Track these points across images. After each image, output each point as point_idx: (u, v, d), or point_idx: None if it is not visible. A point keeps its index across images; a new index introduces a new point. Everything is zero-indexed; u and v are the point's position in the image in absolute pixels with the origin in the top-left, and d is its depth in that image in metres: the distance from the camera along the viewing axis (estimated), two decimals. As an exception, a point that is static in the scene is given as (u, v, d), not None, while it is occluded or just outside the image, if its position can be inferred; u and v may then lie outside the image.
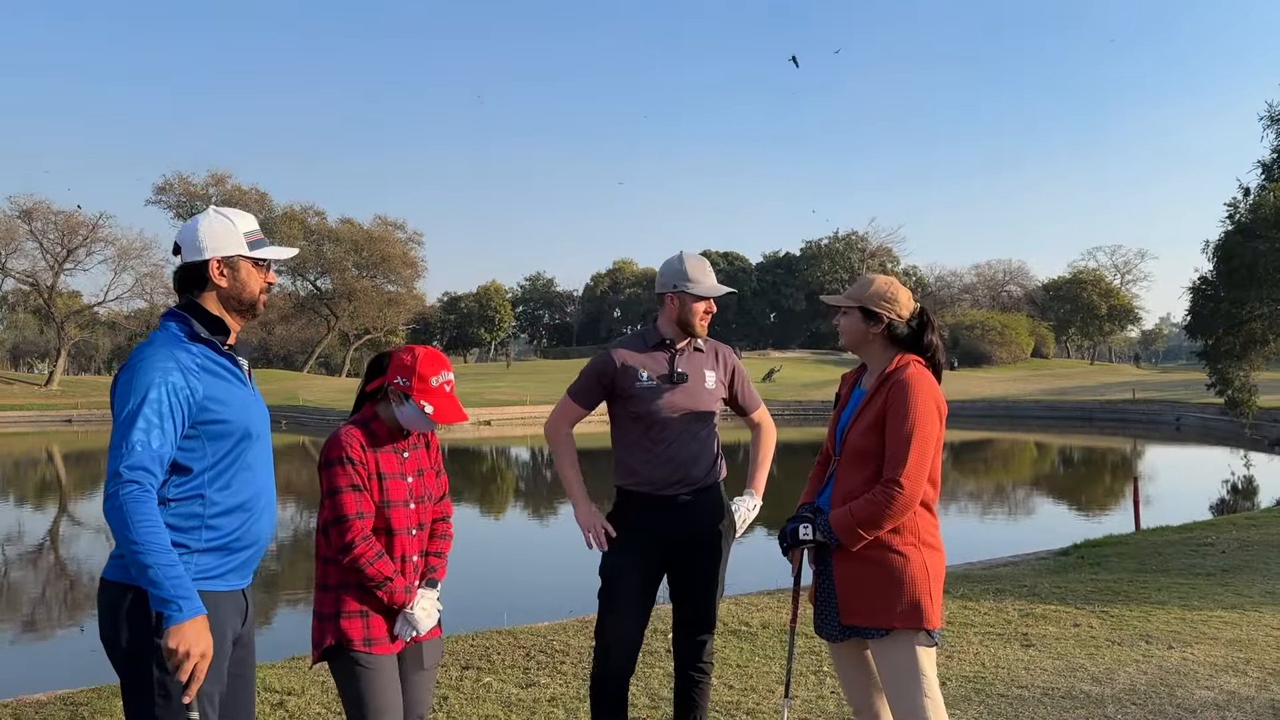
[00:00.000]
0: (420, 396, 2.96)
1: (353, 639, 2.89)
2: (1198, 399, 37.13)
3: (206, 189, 71.45)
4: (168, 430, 2.37)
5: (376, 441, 2.99)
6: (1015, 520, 17.29)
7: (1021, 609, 6.63)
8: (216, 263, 2.56)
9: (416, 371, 2.97)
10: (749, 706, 4.71)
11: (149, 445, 2.33)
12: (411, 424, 3.00)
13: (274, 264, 2.71)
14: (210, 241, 2.56)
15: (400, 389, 2.97)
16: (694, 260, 3.67)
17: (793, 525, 3.14)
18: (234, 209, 2.66)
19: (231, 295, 2.59)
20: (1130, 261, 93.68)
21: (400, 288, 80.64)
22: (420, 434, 3.12)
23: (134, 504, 2.28)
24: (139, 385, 2.38)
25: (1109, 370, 64.37)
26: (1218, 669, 5.18)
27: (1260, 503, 17.16)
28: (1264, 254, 24.45)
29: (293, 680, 5.09)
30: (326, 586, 2.95)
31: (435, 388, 2.99)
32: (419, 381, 2.96)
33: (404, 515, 2.98)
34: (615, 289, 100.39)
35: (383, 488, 2.96)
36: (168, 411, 2.37)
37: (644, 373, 3.59)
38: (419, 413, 2.96)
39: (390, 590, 2.90)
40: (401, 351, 3.04)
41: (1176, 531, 10.34)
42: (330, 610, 2.93)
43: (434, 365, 3.00)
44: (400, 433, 3.05)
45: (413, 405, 2.96)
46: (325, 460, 2.94)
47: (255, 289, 2.62)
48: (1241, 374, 27.26)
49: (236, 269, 2.58)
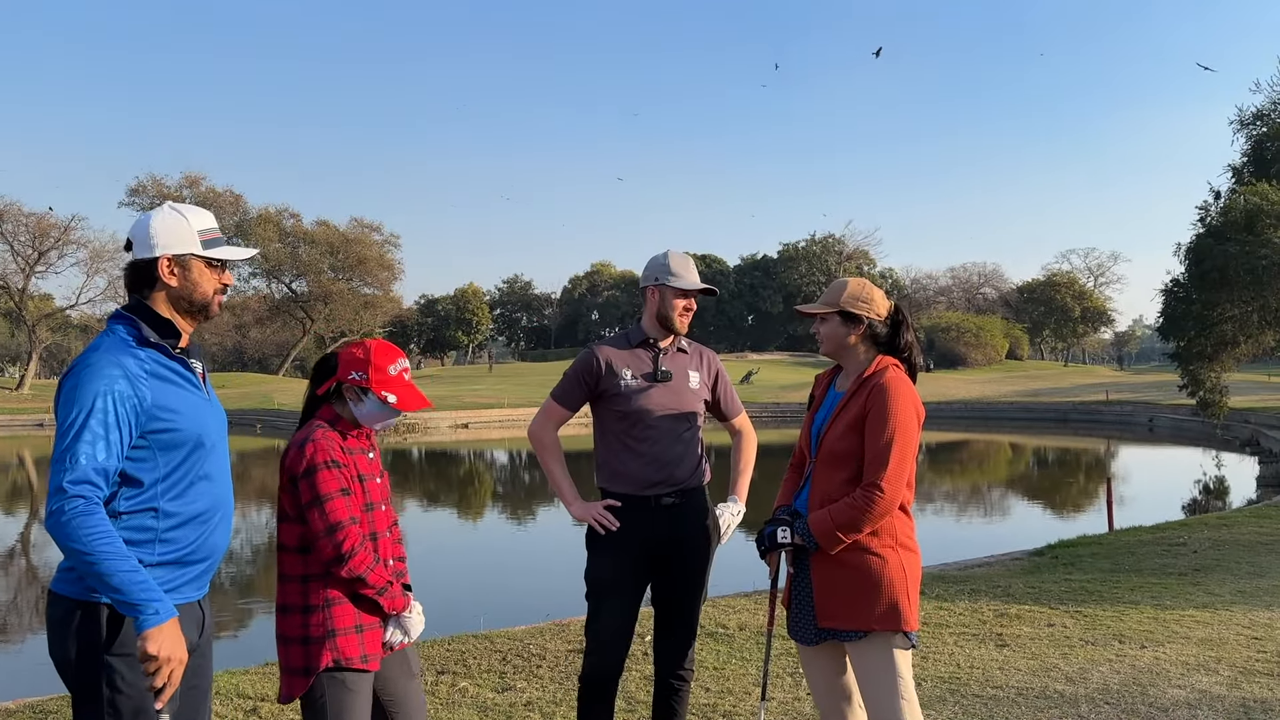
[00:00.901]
0: (380, 388, 2.84)
1: (351, 656, 2.72)
2: (1170, 400, 37.51)
3: (180, 190, 70.76)
4: (113, 442, 2.27)
5: (349, 441, 2.87)
6: (990, 521, 17.39)
7: (996, 609, 6.67)
8: (167, 261, 2.45)
9: (372, 363, 2.85)
10: (726, 709, 4.71)
11: (94, 458, 2.24)
12: (373, 419, 2.89)
13: (232, 265, 2.61)
14: (161, 238, 2.45)
15: (357, 384, 2.84)
16: (677, 256, 3.67)
17: (770, 529, 3.14)
18: (192, 206, 2.55)
19: (182, 296, 2.47)
20: (1103, 264, 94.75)
21: (377, 290, 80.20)
22: (370, 435, 3.00)
23: (81, 517, 2.20)
24: (83, 395, 2.27)
25: (1083, 372, 64.91)
26: (1189, 668, 5.22)
27: (1231, 503, 17.35)
28: (1234, 257, 24.71)
29: (266, 686, 5.05)
30: (310, 607, 2.73)
31: (394, 376, 2.88)
32: (376, 373, 2.85)
33: (382, 517, 2.89)
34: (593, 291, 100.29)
35: (364, 490, 2.83)
36: (114, 422, 2.27)
37: (627, 371, 3.59)
38: (380, 405, 2.85)
39: (391, 596, 2.79)
40: (350, 347, 2.91)
41: (1149, 532, 10.43)
42: (323, 631, 2.71)
43: (388, 354, 2.90)
44: (363, 434, 2.95)
45: (373, 398, 2.84)
46: (308, 467, 2.73)
47: (208, 290, 2.50)
48: (1213, 375, 27.54)
49: (188, 268, 2.47)
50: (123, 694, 2.31)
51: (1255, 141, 30.33)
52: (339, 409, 2.90)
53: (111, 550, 2.20)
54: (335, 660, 2.70)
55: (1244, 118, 30.68)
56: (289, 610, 2.76)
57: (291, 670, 2.75)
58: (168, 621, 2.23)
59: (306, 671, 2.71)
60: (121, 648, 2.31)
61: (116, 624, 2.32)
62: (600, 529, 3.53)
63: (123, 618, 2.31)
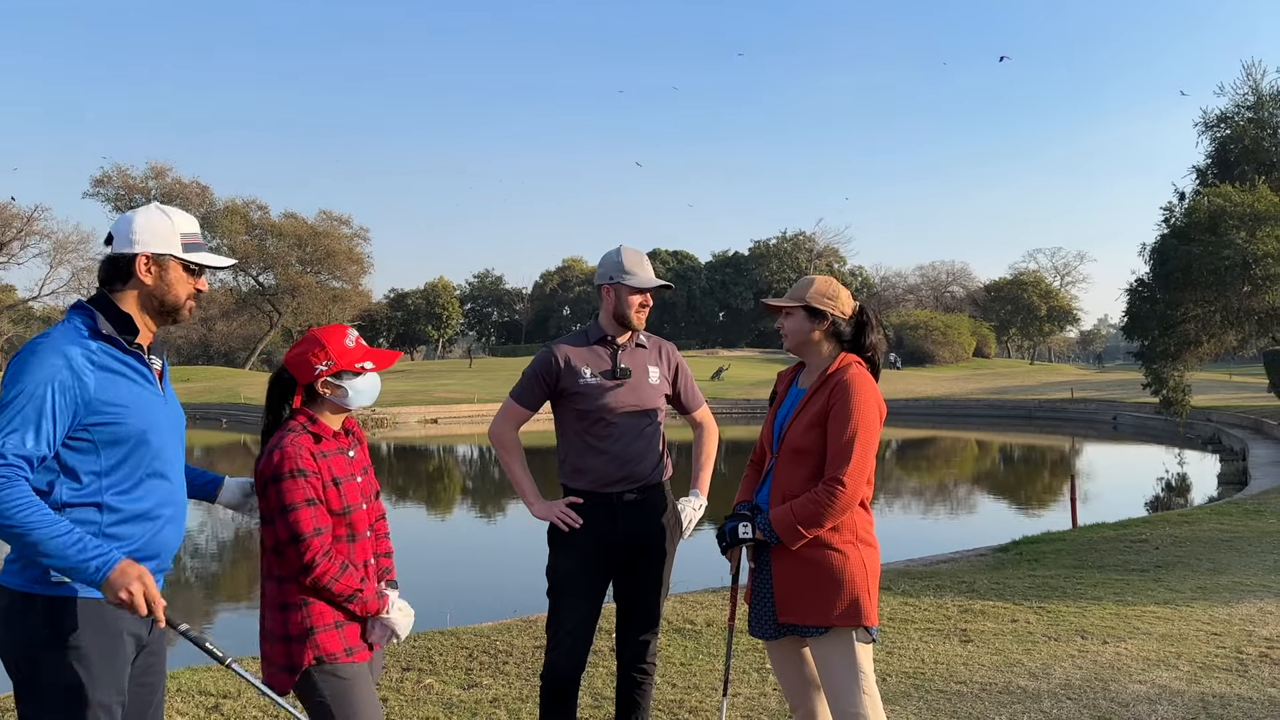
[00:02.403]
0: (352, 362, 2.81)
1: (334, 652, 2.72)
2: (1134, 398, 37.95)
3: (146, 182, 69.88)
4: (45, 430, 2.25)
5: (322, 444, 2.79)
6: (955, 517, 17.53)
7: (960, 605, 6.72)
8: (145, 258, 2.45)
9: (329, 348, 2.79)
10: (692, 705, 4.70)
11: (21, 444, 2.22)
12: (362, 396, 2.83)
13: (209, 272, 2.60)
14: (143, 235, 2.46)
15: (329, 374, 2.79)
16: (631, 253, 3.65)
17: (731, 524, 3.14)
18: (178, 209, 2.55)
19: (154, 295, 2.47)
20: (1069, 263, 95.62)
21: (345, 284, 79.57)
22: (353, 431, 2.94)
23: (3, 491, 2.18)
24: (24, 380, 2.26)
25: (1048, 370, 65.53)
26: (1150, 663, 5.28)
27: (1193, 500, 17.58)
28: (1198, 257, 25.06)
29: (228, 683, 4.98)
30: (288, 605, 2.72)
31: (355, 348, 2.84)
32: (339, 353, 2.80)
33: (363, 517, 2.85)
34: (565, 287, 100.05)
35: (341, 493, 2.77)
36: (49, 410, 2.25)
37: (586, 369, 3.57)
38: (362, 378, 2.83)
39: (362, 601, 2.76)
40: (295, 350, 2.83)
41: (1112, 529, 10.55)
42: (301, 629, 2.70)
43: (336, 333, 2.85)
44: (343, 432, 2.89)
45: (352, 376, 2.81)
46: (273, 475, 2.69)
47: (180, 293, 2.50)
48: (1176, 374, 27.92)
49: (165, 269, 2.47)
50: (65, 687, 2.28)
51: (1219, 144, 30.74)
52: (317, 412, 2.83)
53: (37, 518, 2.19)
54: (318, 657, 2.70)
55: (1209, 120, 31.07)
56: (270, 608, 2.77)
57: (275, 666, 2.75)
58: (114, 569, 2.23)
59: (290, 669, 2.71)
60: (63, 640, 2.29)
61: (55, 617, 2.29)
62: (563, 527, 3.51)
63: (61, 610, 2.29)
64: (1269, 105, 29.88)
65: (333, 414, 2.86)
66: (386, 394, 4.63)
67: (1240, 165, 29.37)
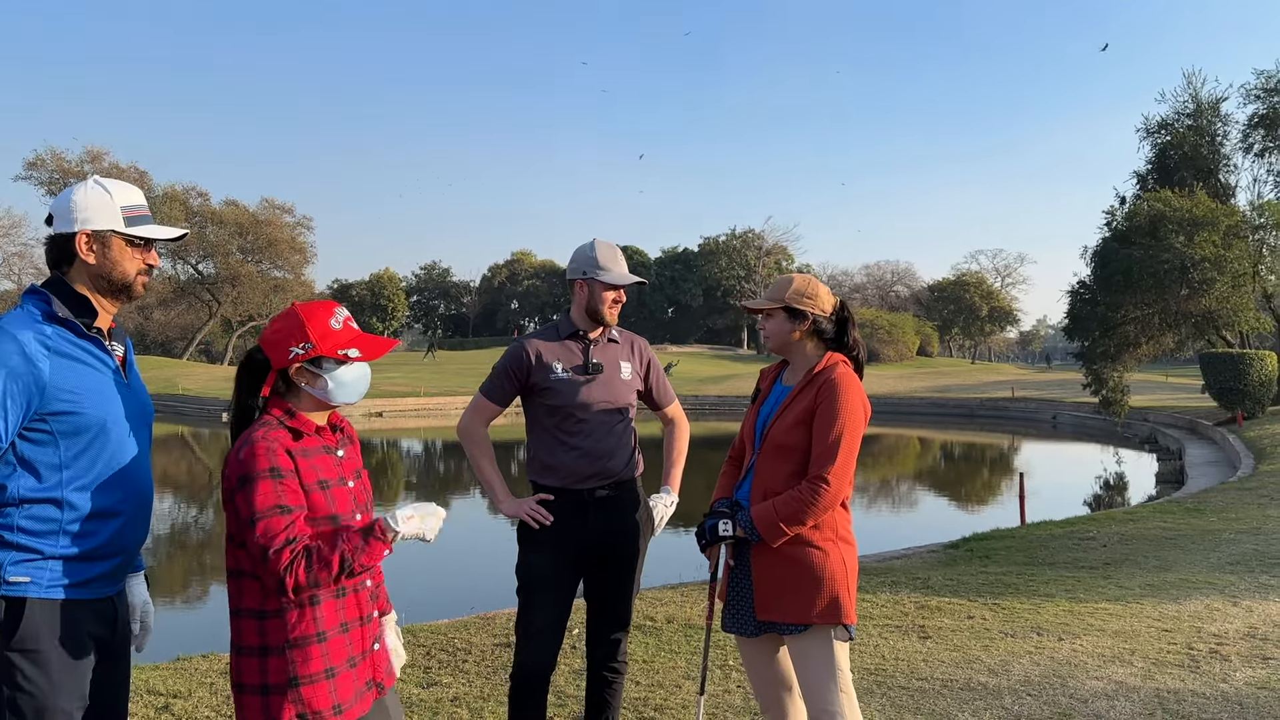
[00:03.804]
0: (335, 348, 2.34)
1: (320, 710, 2.25)
2: (1073, 398, 38.76)
3: (81, 165, 67.98)
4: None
5: (303, 441, 2.35)
6: (903, 513, 17.74)
7: (917, 601, 6.76)
8: (85, 236, 2.33)
9: (308, 325, 2.33)
10: (657, 703, 4.66)
11: None
12: (345, 391, 2.38)
13: (157, 244, 2.46)
14: (81, 213, 2.33)
15: (304, 358, 2.33)
16: (605, 247, 3.59)
17: (711, 521, 3.11)
18: (119, 181, 2.42)
19: (100, 274, 2.35)
20: (1010, 265, 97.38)
21: (287, 274, 78.21)
22: (343, 429, 2.51)
23: None
24: None
25: (990, 369, 66.62)
26: (1105, 660, 5.35)
27: (1131, 499, 17.97)
28: (1138, 260, 25.65)
29: (178, 682, 4.84)
30: (269, 649, 2.25)
31: (342, 329, 2.38)
32: (319, 333, 2.34)
33: None
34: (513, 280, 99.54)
35: (329, 498, 2.32)
36: (1, 398, 2.15)
37: (558, 364, 3.51)
38: (346, 366, 2.37)
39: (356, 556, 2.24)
40: (272, 324, 2.38)
41: (1060, 526, 10.72)
42: (281, 678, 2.24)
43: (321, 308, 2.39)
44: (328, 428, 2.45)
45: (333, 364, 2.36)
46: (240, 477, 2.22)
47: (128, 269, 2.38)
48: (1116, 375, 28.56)
49: (108, 245, 2.34)
50: (24, 693, 2.17)
51: (1160, 149, 31.51)
52: (294, 404, 2.39)
53: None
54: (300, 714, 2.25)
55: (1150, 126, 31.84)
56: (244, 651, 2.28)
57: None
58: None
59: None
60: (21, 643, 2.18)
61: (15, 617, 2.18)
62: (533, 524, 3.45)
63: (22, 611, 2.18)
64: (1208, 113, 30.67)
65: (313, 406, 2.41)
66: None
67: (1180, 171, 30.13)
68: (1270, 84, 29.44)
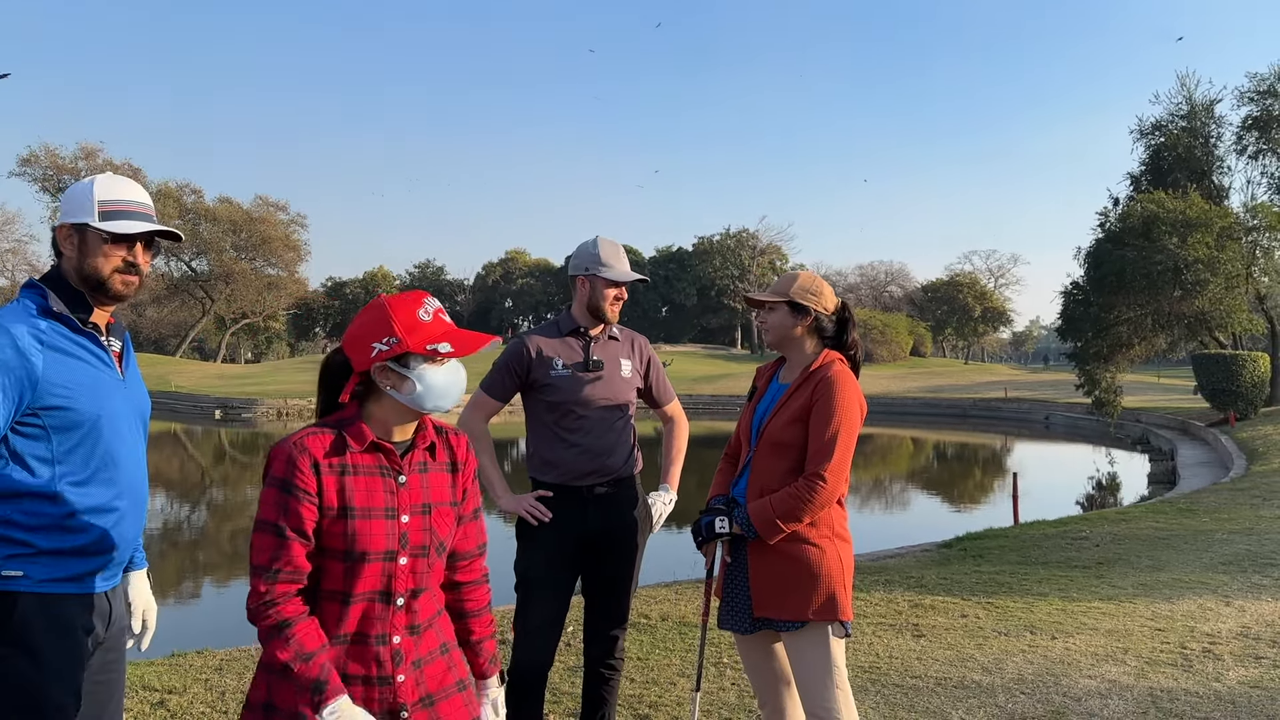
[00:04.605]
0: (423, 342, 2.01)
1: None
2: (1065, 399, 38.86)
3: (75, 162, 67.89)
4: None
5: (350, 456, 2.03)
6: (896, 513, 17.77)
7: (911, 600, 6.78)
8: (65, 230, 2.31)
9: (395, 318, 2.02)
10: (651, 700, 4.67)
11: None
12: (434, 393, 2.04)
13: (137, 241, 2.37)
14: (66, 205, 2.32)
15: (389, 355, 2.01)
16: (608, 244, 3.59)
17: (707, 519, 3.11)
18: (117, 176, 2.38)
19: (75, 268, 2.31)
20: (1004, 265, 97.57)
21: (281, 271, 78.16)
22: (434, 449, 2.15)
23: None
24: None
25: (982, 369, 66.78)
26: (1099, 658, 5.37)
27: (1124, 499, 18.02)
28: (1131, 261, 25.73)
29: (173, 678, 4.83)
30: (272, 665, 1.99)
31: (432, 321, 2.05)
32: (406, 327, 2.02)
33: (381, 574, 2.02)
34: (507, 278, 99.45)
35: (349, 531, 1.99)
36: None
37: (558, 361, 3.51)
38: (435, 366, 2.04)
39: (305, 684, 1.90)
40: (356, 321, 2.08)
41: (1053, 525, 10.75)
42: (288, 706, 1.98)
43: (408, 300, 2.07)
44: (390, 447, 2.07)
45: (421, 362, 2.03)
46: (266, 475, 2.02)
47: (101, 265, 2.30)
48: (1108, 376, 28.64)
49: (84, 239, 2.30)
50: (17, 687, 2.16)
51: (1153, 151, 31.63)
52: (374, 409, 2.08)
53: None
54: None
55: (1143, 128, 31.96)
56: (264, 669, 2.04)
57: None
58: None
59: None
60: (14, 637, 2.17)
61: (8, 611, 2.17)
62: (532, 520, 3.44)
63: (15, 604, 2.17)
64: (1201, 115, 30.77)
65: (397, 416, 2.08)
66: None
67: (1173, 172, 30.24)
68: (1263, 86, 29.57)
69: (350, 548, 1.98)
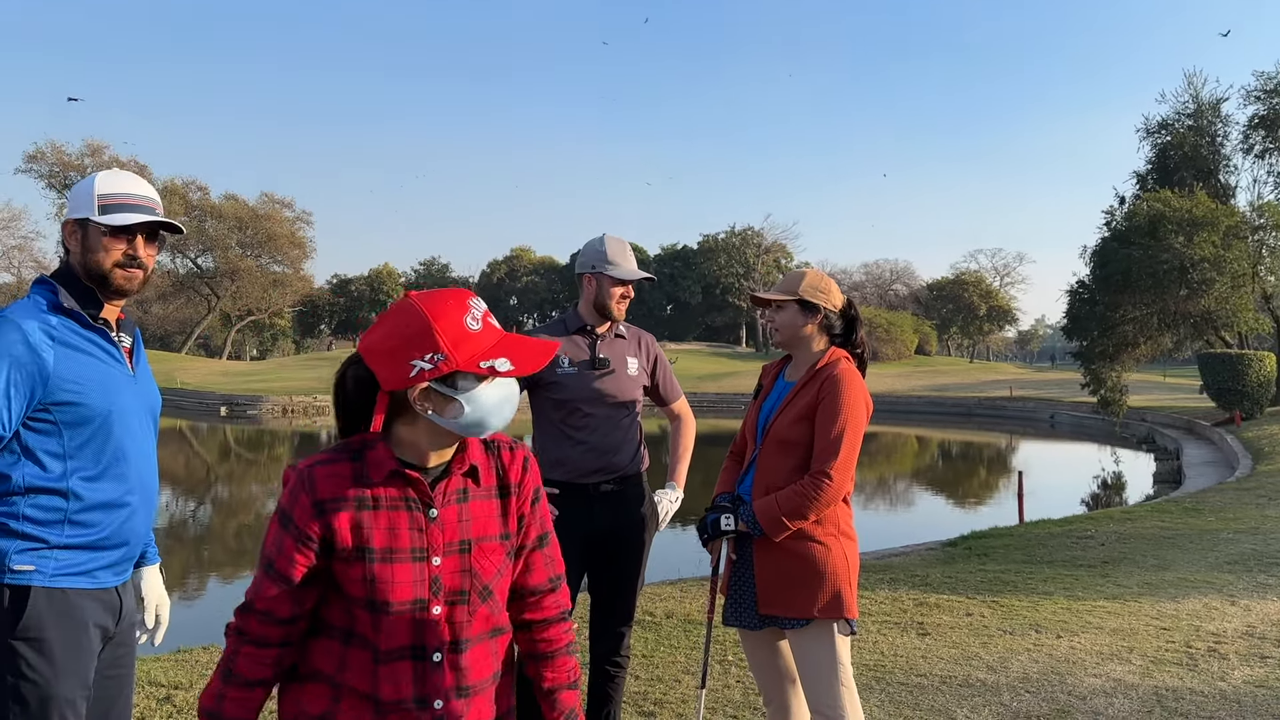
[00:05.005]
0: (475, 359, 1.63)
1: None
2: (1070, 398, 38.78)
3: (81, 159, 67.98)
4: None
5: (370, 489, 1.69)
6: (901, 511, 17.76)
7: (916, 598, 6.77)
8: (70, 225, 2.32)
9: (440, 331, 1.62)
10: (656, 697, 4.68)
11: None
12: (486, 417, 1.67)
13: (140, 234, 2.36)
14: (71, 201, 2.35)
15: (433, 375, 1.63)
16: (614, 242, 3.60)
17: (713, 516, 3.11)
18: (122, 172, 2.39)
19: (79, 263, 2.32)
20: (1009, 264, 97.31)
21: (287, 268, 78.24)
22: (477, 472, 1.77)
23: None
24: None
25: (987, 368, 66.69)
26: (1104, 657, 5.37)
27: (1129, 498, 17.99)
28: (1137, 260, 25.69)
29: (179, 674, 4.85)
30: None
31: (481, 331, 1.66)
32: (454, 339, 1.63)
33: (410, 626, 1.69)
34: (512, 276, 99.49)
35: (367, 576, 1.66)
36: (3, 387, 2.14)
37: (565, 358, 3.51)
38: (489, 385, 1.66)
39: None
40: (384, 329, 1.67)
41: (1058, 524, 10.74)
42: None
43: (452, 305, 1.66)
44: (419, 476, 1.71)
45: (472, 381, 1.65)
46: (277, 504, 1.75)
47: (103, 260, 2.30)
48: (1114, 375, 28.59)
49: (86, 234, 2.31)
50: (28, 681, 2.17)
51: (1160, 149, 31.57)
52: (403, 432, 1.71)
53: None
54: None
55: (1150, 126, 31.90)
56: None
57: None
58: None
59: None
60: (25, 631, 2.17)
61: (19, 605, 2.17)
62: None
63: (26, 598, 2.17)
64: (1208, 113, 30.71)
65: (434, 439, 1.71)
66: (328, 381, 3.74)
67: (1180, 171, 30.20)
68: (1270, 85, 29.49)
69: (371, 596, 1.66)
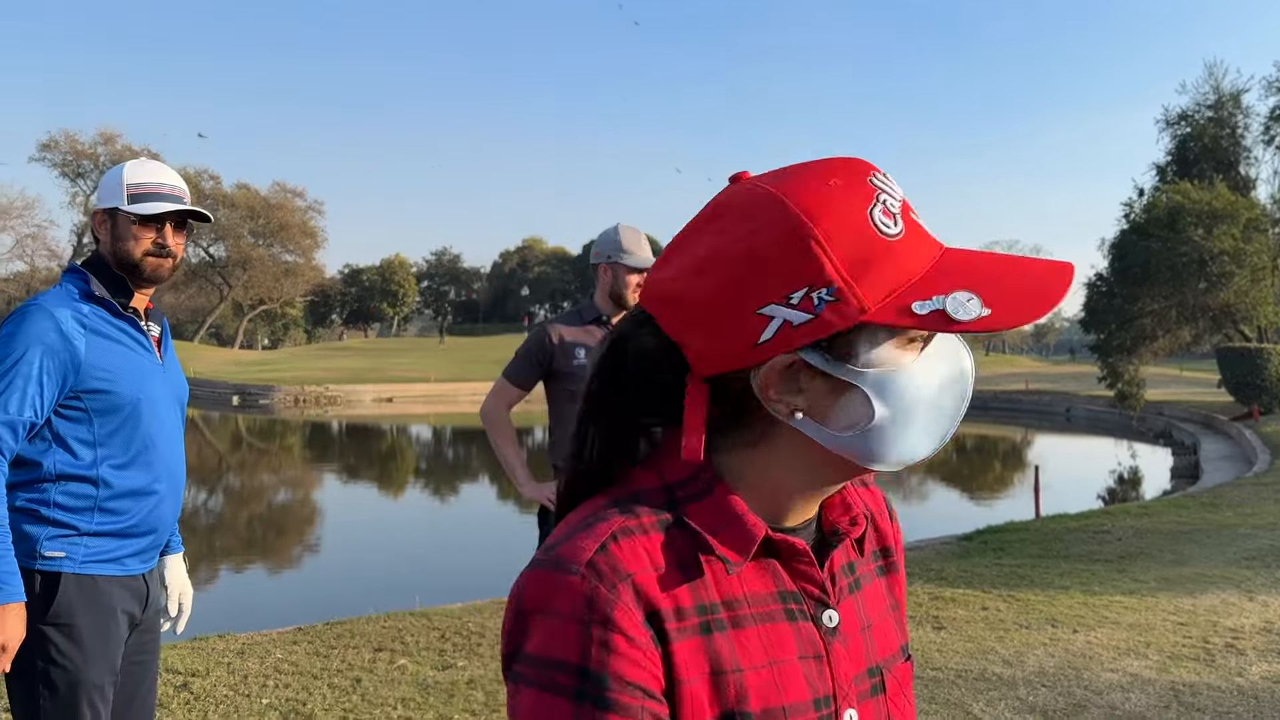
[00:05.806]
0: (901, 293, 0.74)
1: None
2: (1086, 391, 38.60)
3: (95, 148, 68.35)
4: (31, 395, 2.16)
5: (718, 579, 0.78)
6: (916, 505, 17.70)
7: (931, 592, 6.75)
8: (100, 215, 2.36)
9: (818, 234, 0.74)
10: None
11: (6, 409, 2.14)
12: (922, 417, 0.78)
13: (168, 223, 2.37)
14: (100, 191, 2.37)
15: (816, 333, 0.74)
16: (629, 231, 3.59)
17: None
18: (150, 160, 2.41)
19: (109, 252, 2.35)
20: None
21: (298, 258, 78.54)
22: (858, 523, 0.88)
23: None
24: (10, 344, 2.17)
25: (1003, 361, 66.53)
26: (1120, 652, 5.33)
27: (1146, 492, 17.88)
28: (1156, 253, 25.50)
29: (196, 661, 4.87)
30: None
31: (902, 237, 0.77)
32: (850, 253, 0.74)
33: None
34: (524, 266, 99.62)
35: (758, 684, 0.77)
36: (36, 374, 2.16)
37: (580, 349, 3.50)
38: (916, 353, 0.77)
39: None
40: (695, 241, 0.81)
41: (1074, 519, 10.68)
42: None
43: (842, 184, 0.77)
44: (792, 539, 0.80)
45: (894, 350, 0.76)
46: (512, 652, 0.75)
47: (133, 249, 2.33)
48: (1131, 368, 28.42)
49: (116, 223, 2.34)
50: (57, 665, 2.19)
51: (1179, 141, 31.32)
52: (747, 464, 0.81)
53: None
54: None
55: (1169, 118, 31.65)
56: None
57: None
58: (12, 604, 2.11)
59: None
60: (56, 617, 2.20)
61: (50, 591, 2.20)
62: (553, 509, 3.44)
63: (57, 585, 2.20)
64: (1229, 105, 30.45)
65: (802, 476, 0.82)
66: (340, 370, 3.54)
67: (1199, 163, 29.96)
68: (1292, 77, 29.20)
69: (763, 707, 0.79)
